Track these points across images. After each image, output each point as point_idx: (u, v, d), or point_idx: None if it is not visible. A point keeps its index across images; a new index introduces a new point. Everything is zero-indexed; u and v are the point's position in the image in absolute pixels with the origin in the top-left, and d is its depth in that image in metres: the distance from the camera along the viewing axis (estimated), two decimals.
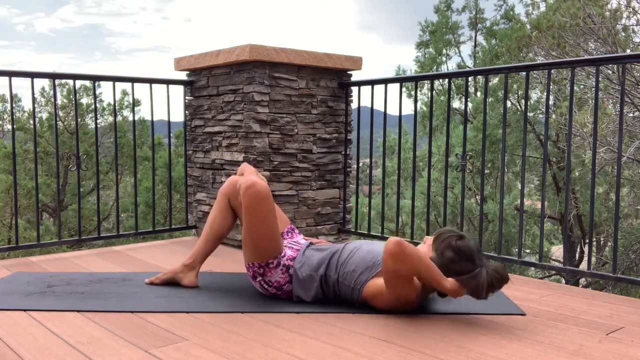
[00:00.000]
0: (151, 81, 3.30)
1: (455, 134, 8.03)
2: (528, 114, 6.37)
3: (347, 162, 3.42)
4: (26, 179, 9.82)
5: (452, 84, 9.18)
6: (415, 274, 1.84)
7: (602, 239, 9.85)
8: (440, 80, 9.04)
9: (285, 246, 2.18)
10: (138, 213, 4.67)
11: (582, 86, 7.34)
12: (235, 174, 2.42)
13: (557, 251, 10.72)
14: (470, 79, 9.16)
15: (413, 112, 3.22)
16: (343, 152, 3.41)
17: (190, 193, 3.56)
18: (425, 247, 1.99)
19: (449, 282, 1.85)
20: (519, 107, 9.56)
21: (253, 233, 2.08)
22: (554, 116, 7.64)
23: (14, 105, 3.97)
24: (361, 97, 3.39)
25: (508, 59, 9.03)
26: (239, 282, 2.38)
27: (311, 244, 2.22)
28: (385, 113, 3.24)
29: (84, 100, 11.36)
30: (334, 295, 2.07)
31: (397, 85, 3.16)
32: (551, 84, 7.67)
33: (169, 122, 3.62)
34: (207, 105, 3.35)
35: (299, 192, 3.22)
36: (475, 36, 10.79)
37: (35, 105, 5.52)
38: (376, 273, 1.96)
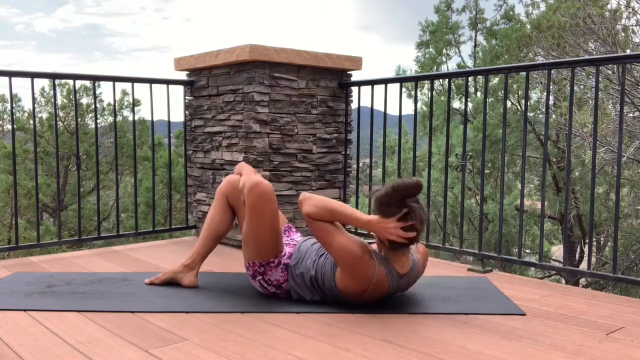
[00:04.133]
0: (151, 81, 3.30)
1: (455, 134, 8.03)
2: (528, 114, 6.36)
3: (347, 162, 3.42)
4: (26, 179, 9.82)
5: (452, 84, 9.18)
6: (327, 214, 1.94)
7: (602, 239, 9.85)
8: (440, 80, 9.04)
9: (285, 244, 2.19)
10: (138, 213, 4.68)
11: (582, 86, 7.34)
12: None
13: (557, 251, 10.72)
14: (470, 79, 9.16)
15: (413, 112, 3.22)
16: (343, 152, 3.41)
17: (190, 193, 3.56)
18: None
19: (367, 216, 1.94)
20: (519, 107, 9.56)
21: (256, 232, 2.08)
22: (554, 116, 7.64)
23: (14, 105, 3.97)
24: (361, 97, 3.39)
25: (508, 59, 9.04)
26: (239, 282, 2.38)
27: (307, 239, 2.22)
28: (385, 113, 3.24)
29: (84, 100, 11.36)
30: (325, 295, 2.06)
31: (397, 85, 3.16)
32: (551, 84, 7.67)
33: (169, 122, 3.62)
34: (207, 105, 3.35)
35: (299, 192, 3.22)
36: (475, 36, 10.78)
37: (35, 105, 5.52)
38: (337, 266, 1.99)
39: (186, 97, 3.51)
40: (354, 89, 3.39)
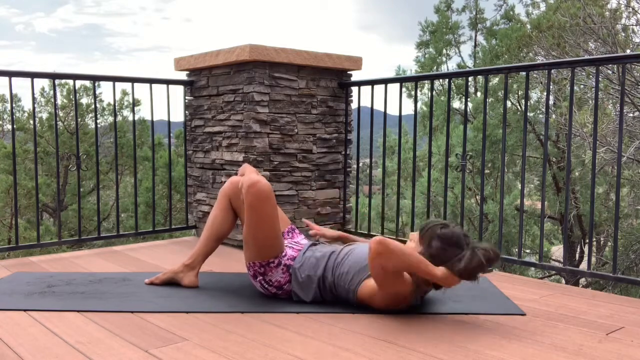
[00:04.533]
0: (151, 81, 3.30)
1: (455, 134, 8.02)
2: (528, 114, 6.36)
3: (347, 162, 3.42)
4: (26, 179, 9.81)
5: (452, 84, 9.17)
6: (403, 268, 1.82)
7: (602, 239, 9.84)
8: (440, 80, 9.03)
9: (286, 246, 2.18)
10: (138, 213, 4.67)
11: (582, 86, 7.34)
12: (236, 174, 2.41)
13: (557, 251, 10.71)
14: (470, 79, 9.15)
15: (413, 112, 3.22)
16: (343, 152, 3.41)
17: (190, 193, 3.56)
18: (412, 244, 1.98)
19: (440, 270, 1.84)
20: (519, 107, 9.55)
21: (255, 232, 2.08)
22: (554, 116, 7.63)
23: (14, 105, 3.97)
24: (361, 97, 3.40)
25: (508, 59, 9.03)
26: (239, 282, 2.38)
27: (313, 244, 2.22)
28: (385, 113, 3.24)
29: (84, 100, 11.35)
30: (331, 296, 2.07)
31: (397, 85, 3.16)
32: (551, 84, 7.66)
33: (169, 122, 3.62)
34: (207, 105, 3.35)
35: (299, 192, 3.22)
36: (475, 36, 10.78)
37: (35, 105, 5.52)
38: (369, 274, 1.95)
39: (186, 97, 3.51)
40: (354, 89, 3.39)
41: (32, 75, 2.90)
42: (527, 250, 8.91)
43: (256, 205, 2.06)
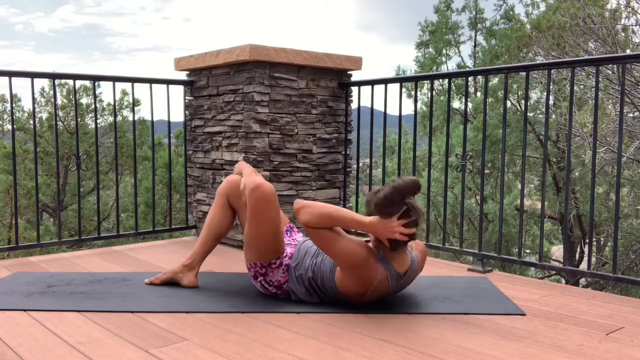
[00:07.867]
0: (151, 81, 3.30)
1: (455, 134, 8.02)
2: (528, 114, 6.36)
3: (347, 162, 3.42)
4: (26, 179, 9.81)
5: (452, 84, 9.17)
6: (323, 220, 1.90)
7: (602, 239, 9.83)
8: (440, 80, 9.03)
9: (286, 244, 2.19)
10: (138, 213, 4.67)
11: (582, 86, 7.33)
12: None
13: (557, 251, 10.70)
14: (470, 79, 9.14)
15: (413, 112, 3.22)
16: (343, 152, 3.41)
17: (190, 193, 3.56)
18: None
19: (368, 218, 1.90)
20: (519, 107, 9.55)
21: (257, 234, 2.08)
22: (554, 116, 7.63)
23: (14, 105, 3.97)
24: (361, 97, 3.40)
25: (508, 59, 9.03)
26: (239, 282, 2.38)
27: (308, 239, 2.22)
28: (385, 113, 3.24)
29: (84, 100, 11.35)
30: (324, 295, 2.06)
31: (397, 85, 3.16)
32: (551, 84, 7.66)
33: (169, 122, 3.62)
34: (207, 105, 3.35)
35: (299, 192, 3.22)
36: (475, 36, 10.77)
37: (35, 105, 5.52)
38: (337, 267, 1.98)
39: (186, 97, 3.51)
40: (354, 89, 3.39)
41: (32, 75, 2.90)
42: (527, 250, 8.91)
43: (259, 209, 2.06)
